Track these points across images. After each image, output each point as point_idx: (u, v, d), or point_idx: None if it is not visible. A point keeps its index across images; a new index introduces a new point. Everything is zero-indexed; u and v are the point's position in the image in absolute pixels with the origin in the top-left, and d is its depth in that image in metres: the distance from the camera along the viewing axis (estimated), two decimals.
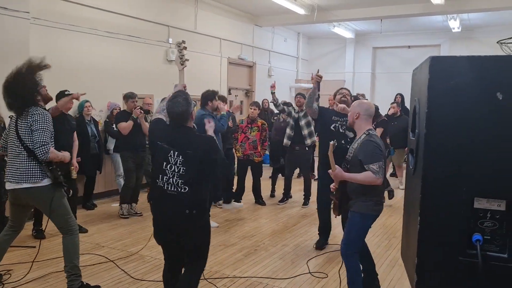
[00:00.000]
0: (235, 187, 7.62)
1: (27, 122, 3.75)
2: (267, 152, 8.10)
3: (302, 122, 7.39)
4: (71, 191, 4.09)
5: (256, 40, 12.59)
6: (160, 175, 3.16)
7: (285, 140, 7.53)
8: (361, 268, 3.85)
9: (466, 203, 2.07)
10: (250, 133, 7.41)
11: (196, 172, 3.11)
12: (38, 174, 3.75)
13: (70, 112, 6.13)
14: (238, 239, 5.86)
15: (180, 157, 3.11)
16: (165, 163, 3.15)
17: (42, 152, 3.66)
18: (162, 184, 3.15)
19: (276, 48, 13.69)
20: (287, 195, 7.99)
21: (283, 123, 8.05)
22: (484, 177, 2.04)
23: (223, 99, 7.94)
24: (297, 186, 8.49)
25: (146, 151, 6.80)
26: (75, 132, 5.79)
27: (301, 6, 10.29)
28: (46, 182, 3.78)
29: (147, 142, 7.06)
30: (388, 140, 8.11)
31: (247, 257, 5.19)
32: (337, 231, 5.88)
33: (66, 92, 6.02)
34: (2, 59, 5.89)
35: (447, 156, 2.09)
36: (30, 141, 3.72)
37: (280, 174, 8.61)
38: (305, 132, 7.39)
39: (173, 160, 3.13)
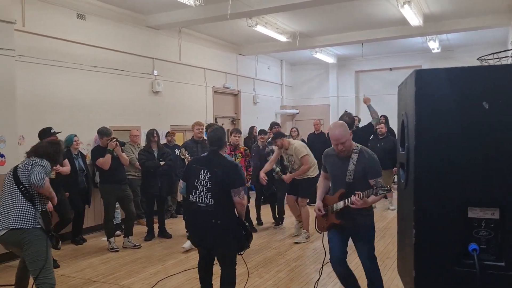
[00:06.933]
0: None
1: (27, 169, 3.84)
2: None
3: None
4: (60, 243, 4.06)
5: (240, 68, 12.73)
6: (193, 190, 3.91)
7: (276, 176, 7.61)
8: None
9: (460, 213, 2.07)
10: (235, 160, 7.39)
11: (220, 187, 3.80)
12: (33, 219, 3.72)
13: None
14: None
15: (208, 173, 3.86)
16: (196, 179, 3.91)
17: (37, 179, 3.74)
18: (194, 198, 3.90)
19: (260, 76, 13.84)
20: (281, 218, 8.00)
21: (264, 150, 8.07)
22: (476, 186, 2.05)
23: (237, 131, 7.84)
24: (288, 211, 8.42)
25: (127, 184, 6.78)
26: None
27: (283, 34, 10.47)
28: (38, 226, 3.75)
29: (128, 174, 7.05)
30: None
31: (240, 285, 5.09)
32: None
33: (52, 131, 6.09)
34: None
35: (438, 167, 2.11)
36: (27, 181, 3.78)
37: (265, 201, 8.51)
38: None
39: (202, 177, 3.88)
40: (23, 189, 3.76)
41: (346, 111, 7.44)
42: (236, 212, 3.96)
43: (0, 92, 6.02)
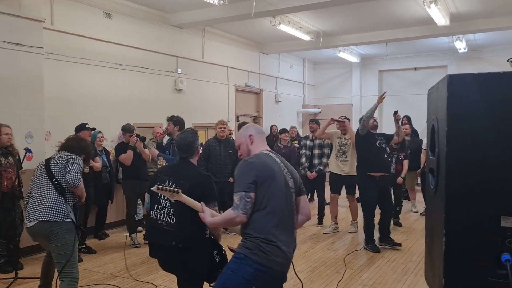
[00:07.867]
0: None
1: (61, 164, 3.90)
2: None
3: (316, 151, 7.64)
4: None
5: (262, 67, 12.72)
6: (155, 205, 3.24)
7: (302, 171, 7.73)
8: None
9: (492, 222, 2.02)
10: None
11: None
12: (64, 212, 3.77)
13: None
14: None
15: (174, 185, 3.15)
16: None
17: (74, 178, 3.79)
18: (155, 215, 3.23)
19: (283, 75, 13.80)
20: None
21: (284, 149, 8.04)
22: (509, 194, 2.00)
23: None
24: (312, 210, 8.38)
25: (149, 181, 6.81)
26: None
27: (307, 32, 10.41)
28: (69, 219, 3.80)
29: (149, 170, 7.09)
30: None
31: None
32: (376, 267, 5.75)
33: (87, 126, 6.20)
34: (18, 93, 6.05)
35: (470, 174, 2.06)
36: (62, 177, 3.84)
37: None
38: (316, 161, 7.73)
39: None
40: (55, 182, 3.79)
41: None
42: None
43: (28, 89, 6.15)
